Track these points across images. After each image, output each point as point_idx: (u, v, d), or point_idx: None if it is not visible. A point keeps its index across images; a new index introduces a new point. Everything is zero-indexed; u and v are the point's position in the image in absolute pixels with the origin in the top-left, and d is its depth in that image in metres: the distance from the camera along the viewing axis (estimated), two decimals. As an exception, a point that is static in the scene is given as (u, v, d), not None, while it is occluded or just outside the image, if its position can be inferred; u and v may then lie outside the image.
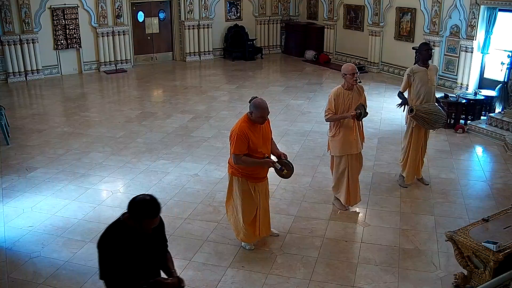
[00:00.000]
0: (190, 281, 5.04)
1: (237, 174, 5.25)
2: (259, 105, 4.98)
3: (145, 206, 3.18)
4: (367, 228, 6.13)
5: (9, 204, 6.72)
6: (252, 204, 5.35)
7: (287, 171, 5.30)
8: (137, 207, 3.17)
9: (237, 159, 5.06)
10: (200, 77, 15.24)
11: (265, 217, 5.56)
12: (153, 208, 3.20)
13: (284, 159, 5.30)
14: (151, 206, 3.19)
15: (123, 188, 7.20)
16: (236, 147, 5.01)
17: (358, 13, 15.19)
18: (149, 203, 3.19)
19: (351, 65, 6.10)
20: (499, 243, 4.50)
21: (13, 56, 13.39)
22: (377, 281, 5.09)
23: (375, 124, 9.98)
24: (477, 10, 11.40)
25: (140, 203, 3.18)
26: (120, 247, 3.19)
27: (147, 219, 3.18)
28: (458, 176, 7.62)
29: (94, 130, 9.73)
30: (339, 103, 6.02)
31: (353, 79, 5.94)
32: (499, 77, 10.68)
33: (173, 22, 16.20)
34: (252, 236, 5.52)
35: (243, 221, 5.38)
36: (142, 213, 3.16)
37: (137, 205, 3.18)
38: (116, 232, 3.24)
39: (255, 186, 5.31)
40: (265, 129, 5.22)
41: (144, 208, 3.17)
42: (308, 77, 14.26)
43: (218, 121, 10.25)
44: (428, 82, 6.75)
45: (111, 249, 3.21)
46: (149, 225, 3.21)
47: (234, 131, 5.06)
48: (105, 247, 3.23)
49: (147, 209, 3.18)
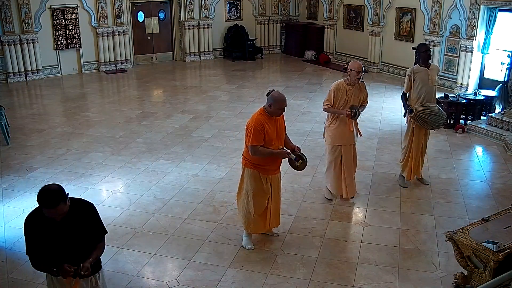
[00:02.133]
0: (190, 281, 5.05)
1: (250, 166, 5.36)
2: (278, 97, 5.15)
3: (41, 195, 3.30)
4: (367, 228, 6.13)
5: (9, 204, 6.72)
6: (264, 196, 5.46)
7: (301, 163, 5.45)
8: (38, 195, 3.31)
9: (254, 150, 5.17)
10: (200, 77, 15.25)
11: (276, 210, 5.69)
12: (48, 198, 3.29)
13: (298, 151, 5.43)
14: (45, 196, 3.29)
15: (123, 188, 7.20)
16: (253, 138, 5.13)
17: (358, 13, 15.19)
18: (44, 193, 3.30)
19: (359, 63, 6.35)
20: (499, 243, 4.50)
21: (13, 56, 13.39)
22: (377, 281, 5.09)
23: (375, 124, 9.99)
24: (477, 10, 11.40)
25: (40, 192, 3.31)
26: (36, 229, 3.45)
27: (44, 208, 3.30)
28: (458, 176, 7.62)
29: (94, 130, 9.73)
30: (338, 96, 6.31)
31: (357, 76, 6.19)
32: (499, 77, 10.68)
33: (173, 22, 16.19)
34: (262, 227, 5.67)
35: (254, 212, 5.48)
36: (39, 201, 3.31)
37: (38, 193, 3.31)
38: (35, 215, 3.46)
39: (268, 178, 5.42)
40: (280, 122, 5.35)
41: (40, 197, 3.30)
42: (308, 77, 14.26)
43: (218, 121, 10.25)
44: (429, 82, 6.76)
45: (29, 229, 3.48)
46: (50, 213, 3.31)
47: (251, 123, 5.19)
48: (25, 226, 3.49)
49: (42, 198, 3.29)
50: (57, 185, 3.39)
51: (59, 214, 3.36)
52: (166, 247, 5.68)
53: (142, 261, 5.42)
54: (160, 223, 6.20)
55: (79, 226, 3.51)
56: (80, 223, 3.52)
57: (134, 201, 6.76)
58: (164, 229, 6.05)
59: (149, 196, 6.93)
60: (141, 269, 5.28)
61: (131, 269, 5.27)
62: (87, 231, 3.58)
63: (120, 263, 5.37)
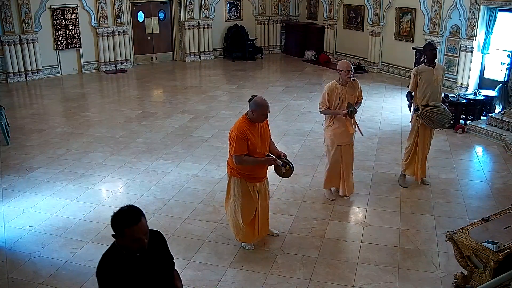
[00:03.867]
0: (190, 281, 5.05)
1: (236, 174, 5.26)
2: (260, 102, 5.03)
3: (119, 215, 2.91)
4: (367, 228, 6.12)
5: (9, 204, 6.72)
6: (251, 204, 5.37)
7: (287, 170, 5.36)
8: (114, 219, 2.91)
9: (238, 160, 5.08)
10: (200, 77, 15.25)
11: (264, 218, 5.58)
12: (128, 215, 2.92)
13: (284, 158, 5.34)
14: (124, 214, 2.92)
15: (123, 188, 7.20)
16: (236, 148, 5.02)
17: (358, 13, 15.19)
18: (123, 211, 2.93)
19: (347, 62, 6.41)
20: (499, 243, 4.50)
21: (13, 56, 13.40)
22: (377, 281, 5.09)
23: (375, 124, 9.99)
24: (477, 10, 11.40)
25: (116, 214, 2.93)
26: (117, 272, 2.94)
27: (127, 227, 2.87)
28: (458, 176, 7.62)
29: (94, 130, 9.73)
30: (333, 97, 6.35)
31: (348, 76, 6.24)
32: (499, 77, 10.67)
33: (173, 22, 16.20)
34: (251, 236, 5.54)
35: (242, 221, 5.40)
36: (120, 223, 2.89)
37: (114, 217, 2.92)
38: (110, 258, 3.01)
39: (254, 186, 5.33)
40: (263, 129, 5.25)
41: (119, 218, 2.90)
42: (308, 77, 14.26)
43: (218, 121, 10.25)
44: (434, 82, 6.76)
45: (108, 277, 2.96)
46: (134, 234, 2.88)
47: (233, 132, 5.08)
48: (102, 275, 2.99)
49: (122, 218, 2.90)
50: (127, 205, 3.03)
51: (144, 233, 2.93)
52: (166, 247, 5.68)
53: (142, 261, 5.41)
54: (160, 223, 6.20)
55: (157, 258, 3.13)
56: (158, 254, 3.14)
57: (134, 201, 6.75)
58: (164, 229, 6.03)
59: (149, 196, 6.92)
60: (141, 269, 5.27)
61: (131, 269, 5.26)
62: (164, 262, 3.21)
63: (120, 263, 5.36)
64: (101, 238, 5.80)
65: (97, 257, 3.20)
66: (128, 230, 2.87)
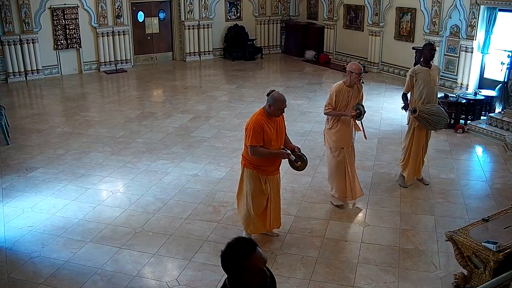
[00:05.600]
0: (190, 281, 5.05)
1: (249, 166, 5.38)
2: (278, 97, 5.15)
3: (233, 248, 2.51)
4: (367, 228, 6.12)
5: (9, 204, 6.72)
6: (262, 196, 5.48)
7: (301, 163, 5.45)
8: (227, 255, 2.51)
9: (253, 150, 5.18)
10: (200, 77, 15.25)
11: (276, 210, 5.69)
12: (242, 244, 2.53)
13: (298, 152, 5.44)
14: (238, 244, 2.53)
15: (123, 188, 7.20)
16: (252, 139, 5.14)
17: (358, 13, 15.19)
18: (234, 244, 2.53)
19: (359, 64, 6.29)
20: (499, 243, 4.50)
21: (13, 56, 13.38)
22: (377, 281, 5.09)
23: (375, 124, 9.98)
24: (477, 10, 11.40)
25: (227, 250, 2.52)
26: None
27: (245, 260, 2.47)
28: (458, 176, 7.62)
29: (94, 130, 9.73)
30: (339, 99, 6.23)
31: (358, 78, 6.14)
32: (499, 77, 10.67)
33: (173, 22, 16.19)
34: (262, 228, 5.69)
35: (253, 213, 5.49)
36: (235, 257, 2.49)
37: (226, 254, 2.52)
38: None
39: (266, 179, 5.43)
40: (280, 123, 5.36)
41: (233, 250, 2.51)
42: (308, 77, 14.26)
43: (218, 121, 10.25)
44: (430, 83, 6.75)
45: None
46: (255, 264, 2.48)
47: (250, 123, 5.20)
48: None
49: (236, 249, 2.50)
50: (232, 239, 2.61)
51: (264, 263, 2.53)
52: (166, 247, 5.68)
53: (142, 261, 5.41)
54: (160, 223, 6.20)
55: None
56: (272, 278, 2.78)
57: (134, 201, 6.76)
58: (164, 229, 6.05)
59: (149, 196, 6.93)
60: (141, 269, 5.27)
61: (131, 269, 5.27)
62: None
63: (120, 263, 5.36)
64: (101, 238, 5.78)
65: (97, 257, 3.20)
66: (247, 262, 2.47)
